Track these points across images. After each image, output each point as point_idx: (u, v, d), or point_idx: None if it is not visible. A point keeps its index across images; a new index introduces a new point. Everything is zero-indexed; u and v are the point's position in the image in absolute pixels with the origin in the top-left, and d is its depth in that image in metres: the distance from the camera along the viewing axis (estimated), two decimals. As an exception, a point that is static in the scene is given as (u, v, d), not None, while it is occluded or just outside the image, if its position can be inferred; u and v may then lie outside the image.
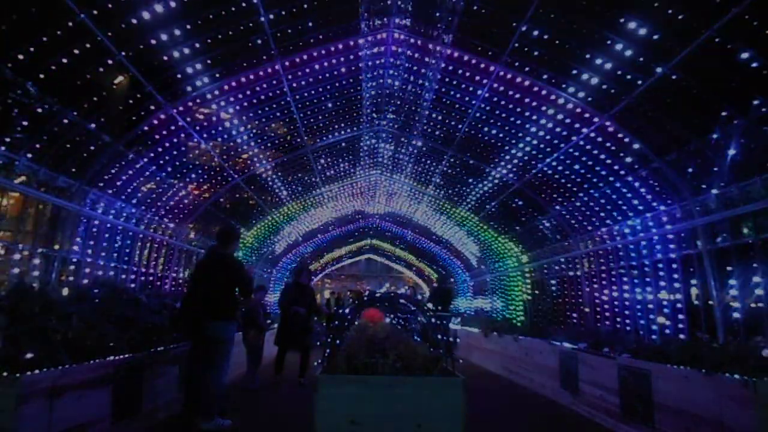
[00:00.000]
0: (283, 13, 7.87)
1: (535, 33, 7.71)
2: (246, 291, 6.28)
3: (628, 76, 7.49)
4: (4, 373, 3.86)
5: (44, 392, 4.11)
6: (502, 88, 9.30)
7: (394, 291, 28.87)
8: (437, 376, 4.06)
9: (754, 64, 6.07)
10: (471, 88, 9.71)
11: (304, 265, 15.67)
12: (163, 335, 6.51)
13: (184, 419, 5.91)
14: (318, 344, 10.53)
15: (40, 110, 6.80)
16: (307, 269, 10.00)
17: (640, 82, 7.37)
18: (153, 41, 7.25)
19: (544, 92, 8.81)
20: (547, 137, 9.81)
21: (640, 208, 9.27)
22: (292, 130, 11.58)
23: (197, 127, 9.76)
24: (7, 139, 6.59)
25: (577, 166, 9.97)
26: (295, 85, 9.66)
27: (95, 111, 7.60)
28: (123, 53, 7.04)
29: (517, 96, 9.27)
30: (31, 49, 6.11)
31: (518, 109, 9.61)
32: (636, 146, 8.37)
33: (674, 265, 8.57)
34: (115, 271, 9.50)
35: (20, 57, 6.08)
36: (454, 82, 9.78)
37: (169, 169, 10.14)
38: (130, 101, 8.20)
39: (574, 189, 10.65)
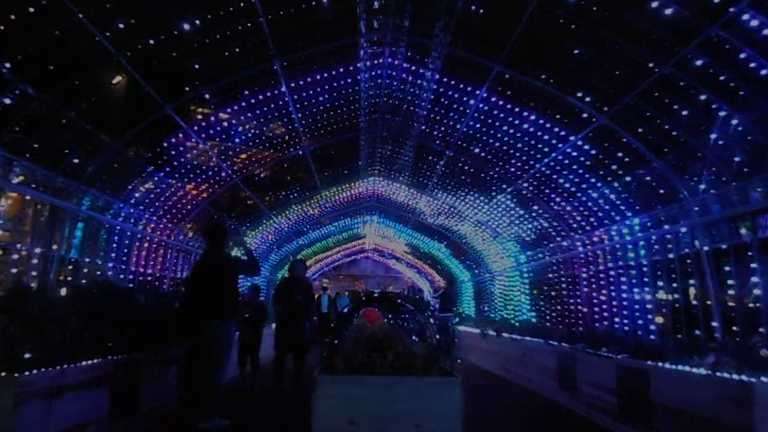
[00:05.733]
0: (282, 14, 7.87)
1: (533, 33, 7.73)
2: (252, 269, 6.61)
3: (627, 76, 7.50)
4: (3, 373, 3.86)
5: (43, 392, 4.11)
6: (500, 89, 9.31)
7: (392, 290, 28.84)
8: (435, 376, 4.07)
9: (753, 64, 6.11)
10: (469, 89, 9.71)
11: (296, 257, 15.03)
12: (161, 335, 6.50)
13: (182, 419, 5.92)
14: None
15: (38, 110, 6.80)
16: (298, 260, 9.64)
17: (638, 81, 7.38)
18: (151, 42, 7.23)
19: (541, 92, 8.81)
20: (545, 137, 9.82)
21: (638, 207, 9.28)
22: (291, 131, 11.57)
23: (195, 128, 9.74)
24: (5, 140, 6.57)
25: (574, 166, 9.98)
26: (293, 85, 9.65)
27: (94, 111, 7.59)
28: (121, 53, 7.04)
29: (515, 96, 9.28)
30: (30, 48, 6.10)
31: (516, 109, 9.62)
32: (634, 146, 8.38)
33: (672, 265, 8.58)
34: (113, 271, 9.49)
35: (18, 56, 6.07)
36: (452, 82, 9.78)
37: (168, 169, 10.13)
38: (129, 101, 8.18)
39: (573, 189, 10.66)
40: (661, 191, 8.62)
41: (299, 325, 8.33)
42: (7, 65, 5.98)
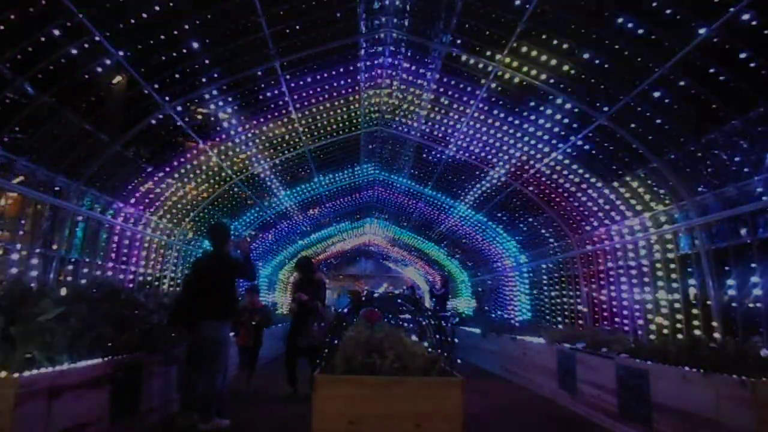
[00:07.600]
0: (282, 12, 7.87)
1: (534, 33, 7.73)
2: (246, 273, 6.31)
3: (626, 76, 7.50)
4: (2, 374, 3.86)
5: (42, 392, 4.10)
6: (500, 88, 9.30)
7: (392, 291, 28.83)
8: (435, 376, 4.06)
9: (753, 64, 6.10)
10: (469, 88, 9.70)
11: (302, 255, 14.38)
12: (161, 335, 6.49)
13: (182, 419, 5.91)
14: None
15: (38, 110, 6.79)
16: (303, 257, 9.46)
17: (637, 82, 7.38)
18: (151, 41, 7.23)
19: (542, 92, 8.81)
20: (545, 137, 9.81)
21: (639, 208, 9.27)
22: (291, 129, 11.56)
23: (195, 127, 9.74)
24: (6, 140, 6.57)
25: (575, 166, 9.97)
26: (293, 84, 9.65)
27: (93, 111, 7.59)
28: (121, 53, 7.03)
29: (515, 95, 9.29)
30: (30, 48, 6.09)
31: (516, 109, 9.61)
32: (634, 146, 8.37)
33: (672, 265, 8.57)
34: (113, 271, 9.48)
35: (18, 56, 6.07)
36: (452, 82, 9.77)
37: (167, 169, 10.14)
38: (129, 101, 8.18)
39: (572, 189, 10.65)
40: (661, 191, 8.62)
41: (309, 328, 8.10)
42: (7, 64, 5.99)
